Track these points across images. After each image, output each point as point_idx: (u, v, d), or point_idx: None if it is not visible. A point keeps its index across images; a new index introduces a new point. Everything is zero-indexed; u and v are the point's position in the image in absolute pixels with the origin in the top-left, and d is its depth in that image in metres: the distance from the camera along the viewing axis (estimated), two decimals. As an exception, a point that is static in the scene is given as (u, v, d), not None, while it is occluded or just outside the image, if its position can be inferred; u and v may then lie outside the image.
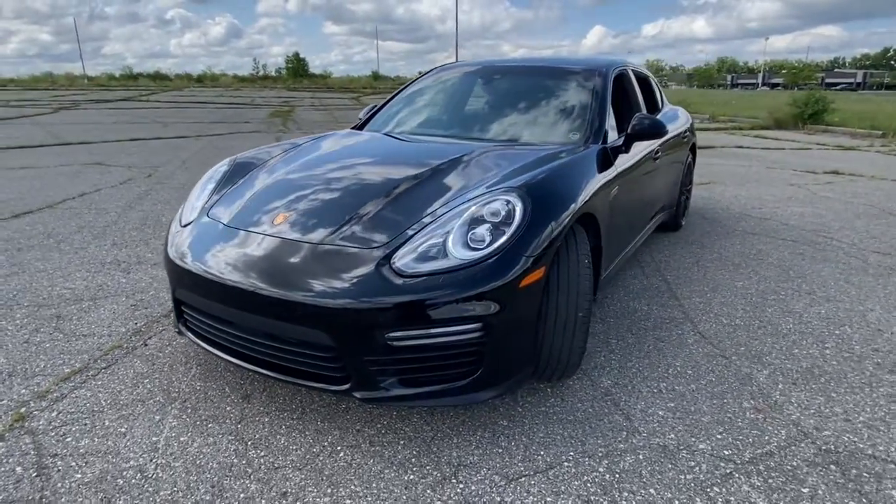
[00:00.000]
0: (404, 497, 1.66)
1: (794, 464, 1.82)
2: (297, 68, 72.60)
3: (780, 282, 3.44)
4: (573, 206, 2.08)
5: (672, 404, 2.14)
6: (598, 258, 2.45)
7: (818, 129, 13.33)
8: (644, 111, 3.52)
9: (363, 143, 3.02)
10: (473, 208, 1.92)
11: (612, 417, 2.06)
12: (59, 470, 1.75)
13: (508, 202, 1.92)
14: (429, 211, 2.00)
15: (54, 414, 2.03)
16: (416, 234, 1.88)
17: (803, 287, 3.36)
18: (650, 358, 2.49)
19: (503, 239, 1.82)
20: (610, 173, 2.56)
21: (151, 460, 1.80)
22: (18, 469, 1.75)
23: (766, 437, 1.95)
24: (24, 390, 2.17)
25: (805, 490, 1.71)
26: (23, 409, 2.05)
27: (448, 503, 1.64)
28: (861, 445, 1.92)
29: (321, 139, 3.09)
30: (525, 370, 1.96)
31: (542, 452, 1.86)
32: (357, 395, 1.81)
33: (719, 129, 13.83)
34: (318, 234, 1.95)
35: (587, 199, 2.22)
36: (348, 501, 1.64)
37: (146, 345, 2.55)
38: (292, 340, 1.83)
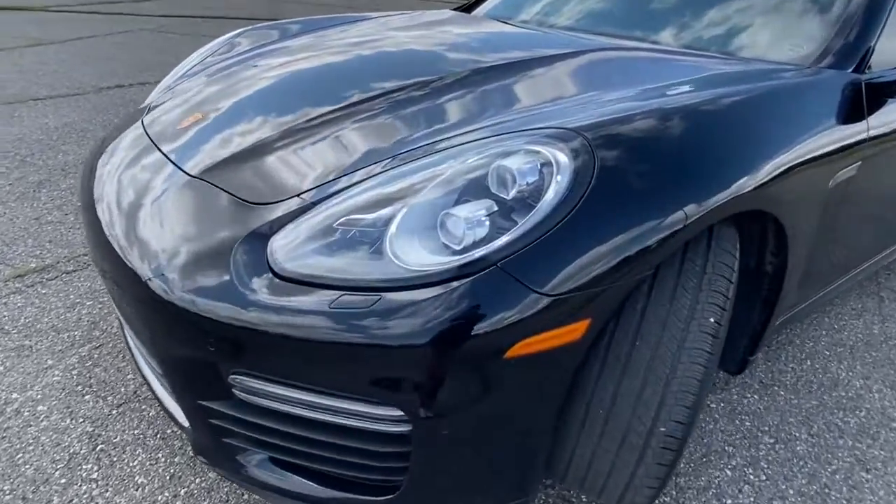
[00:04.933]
0: None
1: None
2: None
3: None
4: (717, 193, 0.93)
5: None
6: (773, 294, 1.27)
7: None
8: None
9: (431, 24, 1.95)
10: (473, 161, 0.91)
11: None
12: None
13: (543, 161, 0.87)
14: (397, 152, 1.03)
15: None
16: (340, 192, 0.95)
17: None
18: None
19: (502, 240, 0.81)
20: (848, 133, 1.27)
21: None
22: None
23: None
24: None
25: None
26: None
27: None
28: None
29: (393, 16, 2.13)
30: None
31: None
32: (200, 457, 1.03)
33: None
34: (204, 160, 1.11)
35: (763, 180, 1.03)
36: None
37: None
38: None
